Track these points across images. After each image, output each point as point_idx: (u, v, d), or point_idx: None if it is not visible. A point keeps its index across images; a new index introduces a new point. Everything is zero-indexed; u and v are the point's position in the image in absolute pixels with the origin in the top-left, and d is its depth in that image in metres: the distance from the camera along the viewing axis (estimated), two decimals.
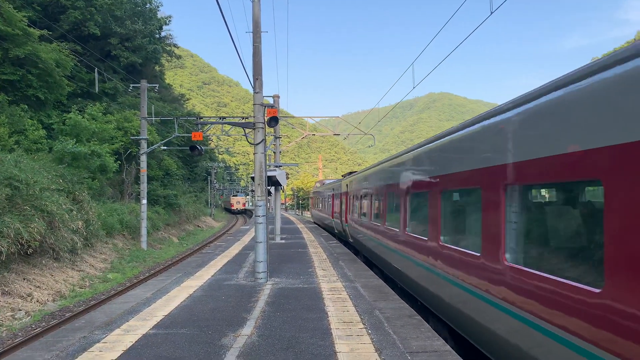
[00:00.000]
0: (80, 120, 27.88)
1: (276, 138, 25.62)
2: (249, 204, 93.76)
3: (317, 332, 7.13)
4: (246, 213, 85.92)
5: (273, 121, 12.11)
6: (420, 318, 7.99)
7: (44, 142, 26.58)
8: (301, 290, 10.52)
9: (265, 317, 8.09)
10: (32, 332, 11.46)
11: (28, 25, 27.95)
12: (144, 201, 27.08)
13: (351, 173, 22.76)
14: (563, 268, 4.47)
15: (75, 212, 19.84)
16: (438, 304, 8.01)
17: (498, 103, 6.65)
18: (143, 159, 27.40)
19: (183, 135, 34.31)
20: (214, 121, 21.63)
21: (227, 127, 28.30)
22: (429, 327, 7.41)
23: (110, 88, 40.37)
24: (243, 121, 18.77)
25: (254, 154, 12.09)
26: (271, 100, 23.27)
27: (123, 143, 32.37)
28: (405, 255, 10.00)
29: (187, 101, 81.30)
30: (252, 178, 12.79)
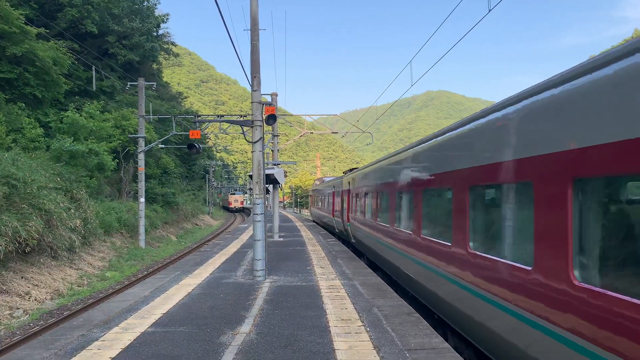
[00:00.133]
0: (77, 118, 27.80)
1: (274, 136, 25.60)
2: (247, 202, 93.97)
3: (316, 330, 7.14)
4: (244, 211, 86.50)
5: (271, 119, 12.09)
6: (418, 315, 8.01)
7: (42, 141, 26.51)
8: (299, 288, 10.53)
9: (263, 315, 8.10)
10: (30, 331, 11.45)
11: (25, 23, 27.82)
12: (142, 199, 27.05)
13: (353, 169, 21.69)
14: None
15: (73, 211, 19.82)
16: (474, 328, 6.38)
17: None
18: (141, 157, 27.36)
19: (181, 133, 34.20)
20: (212, 119, 21.61)
21: (225, 125, 28.29)
22: (427, 325, 7.42)
23: (107, 86, 40.26)
24: (241, 119, 18.73)
25: (252, 152, 12.10)
26: (269, 98, 23.23)
27: (121, 141, 32.30)
28: (421, 262, 8.73)
29: (185, 99, 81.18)
30: (250, 176, 12.79)
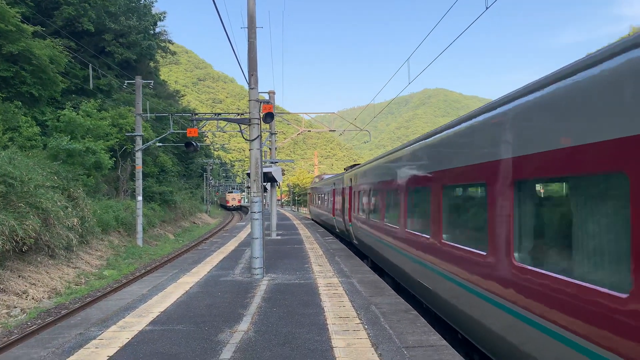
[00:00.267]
0: (74, 117, 27.73)
1: (272, 134, 25.58)
2: (245, 201, 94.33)
3: (314, 328, 7.15)
4: (241, 209, 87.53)
5: (269, 117, 12.08)
6: (416, 313, 8.02)
7: (38, 139, 26.42)
8: (297, 286, 10.54)
9: (261, 313, 8.10)
10: (28, 330, 11.44)
11: (21, 21, 27.72)
12: (140, 198, 27.02)
13: (355, 165, 20.40)
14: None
15: (70, 209, 19.78)
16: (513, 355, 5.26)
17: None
18: (138, 156, 27.31)
19: (178, 131, 34.18)
20: (210, 117, 21.59)
21: (223, 124, 28.24)
22: (425, 322, 7.43)
23: (104, 84, 40.14)
24: (239, 117, 18.72)
25: (250, 150, 12.09)
26: (266, 96, 23.19)
27: (118, 140, 32.25)
28: (444, 274, 7.38)
29: (182, 97, 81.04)
30: (248, 174, 12.78)
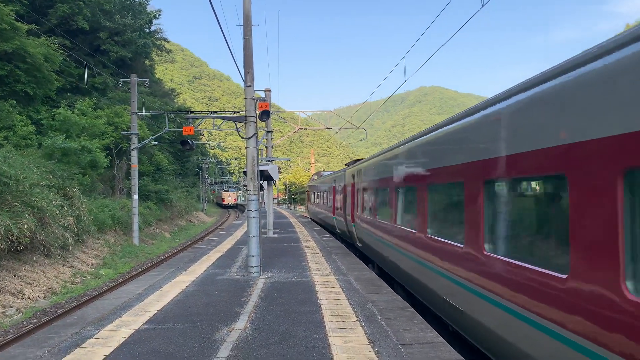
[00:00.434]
0: (69, 115, 27.62)
1: (268, 132, 25.56)
2: (241, 199, 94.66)
3: (311, 325, 7.15)
4: (237, 207, 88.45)
5: (265, 115, 12.06)
6: (413, 310, 8.03)
7: (33, 138, 26.33)
8: (294, 284, 10.53)
9: (258, 311, 8.09)
10: (24, 329, 11.39)
11: (15, 19, 27.57)
12: (136, 197, 26.94)
13: (359, 160, 18.49)
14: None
15: (66, 208, 19.71)
16: None
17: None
18: (134, 154, 27.22)
19: (174, 130, 34.07)
20: (205, 115, 21.55)
21: (219, 122, 28.18)
22: (422, 319, 7.44)
23: (100, 83, 40.00)
24: (235, 115, 18.68)
25: (246, 148, 12.06)
26: (262, 94, 23.19)
27: (113, 138, 32.13)
28: (486, 295, 5.72)
29: (178, 96, 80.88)
30: (244, 172, 12.75)
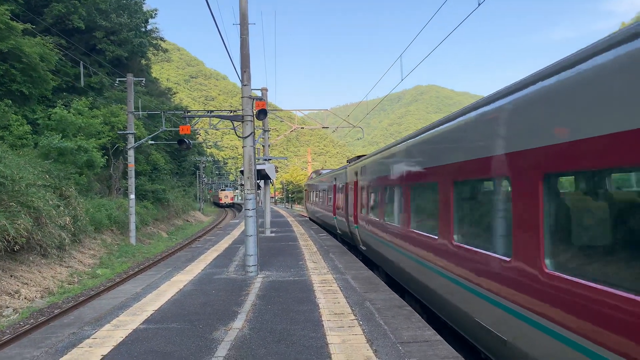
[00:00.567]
0: (66, 115, 27.49)
1: (265, 131, 25.52)
2: (237, 198, 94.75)
3: (309, 324, 7.15)
4: (234, 207, 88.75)
5: (262, 114, 12.04)
6: (410, 309, 8.05)
7: (29, 138, 26.20)
8: (292, 283, 10.53)
9: (256, 311, 8.09)
10: (20, 330, 11.35)
11: (11, 18, 27.43)
12: (132, 196, 26.87)
13: (361, 157, 17.28)
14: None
15: (62, 208, 19.64)
16: None
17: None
18: (130, 154, 27.14)
19: (171, 129, 33.94)
20: (202, 114, 21.50)
21: (215, 121, 28.16)
22: (420, 318, 7.46)
23: (96, 82, 39.87)
24: (231, 114, 18.65)
25: (243, 147, 12.05)
26: (259, 93, 23.15)
27: (110, 138, 32.04)
28: (540, 322, 4.43)
29: (174, 95, 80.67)
30: (241, 172, 12.74)
